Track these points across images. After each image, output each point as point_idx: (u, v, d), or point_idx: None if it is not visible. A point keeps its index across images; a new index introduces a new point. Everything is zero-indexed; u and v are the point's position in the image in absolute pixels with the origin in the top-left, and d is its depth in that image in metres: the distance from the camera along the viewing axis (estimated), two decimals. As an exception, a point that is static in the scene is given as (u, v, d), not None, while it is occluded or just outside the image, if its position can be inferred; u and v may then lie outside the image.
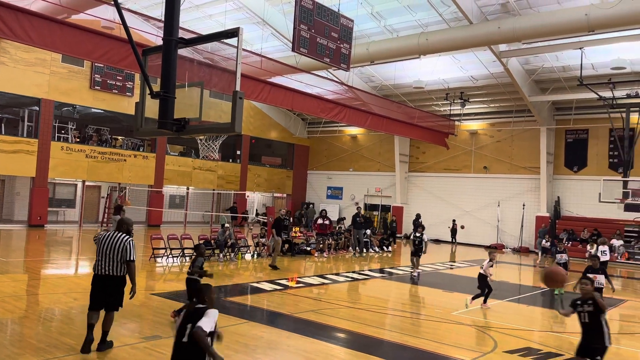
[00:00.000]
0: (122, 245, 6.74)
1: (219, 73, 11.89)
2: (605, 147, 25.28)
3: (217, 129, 5.84)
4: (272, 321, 9.29)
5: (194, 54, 14.02)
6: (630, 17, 15.86)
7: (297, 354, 7.38)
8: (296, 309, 10.14)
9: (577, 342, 6.10)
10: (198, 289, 4.76)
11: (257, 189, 32.94)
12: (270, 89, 17.36)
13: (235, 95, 4.75)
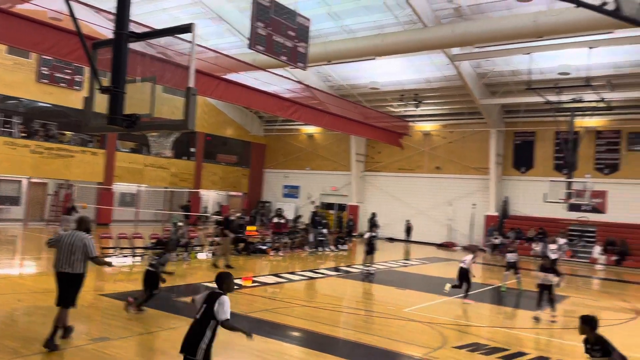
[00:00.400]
0: (83, 243, 6.93)
1: (173, 68, 11.67)
2: (551, 149, 26.35)
3: (170, 126, 5.73)
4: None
5: (147, 48, 13.68)
6: (575, 24, 16.58)
7: (251, 353, 7.34)
8: (250, 309, 10.08)
9: None
10: (219, 276, 5.30)
11: (212, 187, 32.50)
12: (226, 86, 17.15)
13: (189, 91, 4.67)
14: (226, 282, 5.22)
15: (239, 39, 23.63)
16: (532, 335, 9.70)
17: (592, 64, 19.29)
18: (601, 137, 25.11)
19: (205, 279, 13.26)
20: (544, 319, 10.80)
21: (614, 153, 24.82)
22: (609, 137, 24.96)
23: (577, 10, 15.88)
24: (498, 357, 7.80)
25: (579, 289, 16.34)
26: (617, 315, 12.17)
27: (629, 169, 24.34)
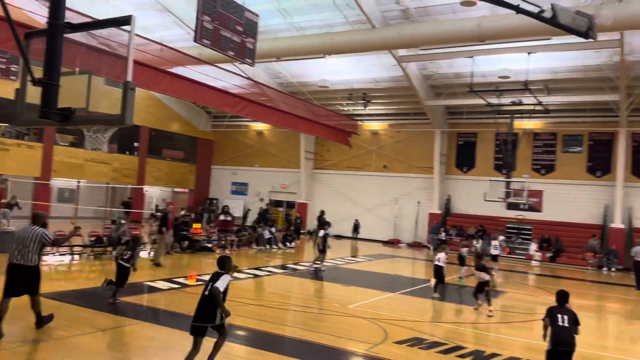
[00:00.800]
0: (37, 235, 7.34)
1: (114, 60, 11.29)
2: (491, 150, 27.36)
3: (107, 121, 5.53)
4: (167, 321, 8.99)
5: (88, 38, 13.17)
6: (515, 30, 17.28)
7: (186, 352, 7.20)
8: (194, 308, 9.88)
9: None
10: (220, 260, 6.41)
11: (156, 183, 31.68)
12: (172, 80, 16.75)
13: (127, 85, 4.53)
14: (227, 264, 6.33)
15: (185, 32, 23.10)
16: (471, 329, 10.05)
17: (530, 68, 20.15)
18: (538, 139, 26.31)
19: (147, 278, 12.93)
20: (483, 313, 11.22)
21: (550, 154, 26.06)
22: (546, 139, 26.19)
23: (517, 17, 16.51)
24: (436, 351, 8.04)
25: (515, 285, 17.05)
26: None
27: (563, 169, 25.63)
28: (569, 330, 5.99)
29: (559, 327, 6.05)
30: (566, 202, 25.28)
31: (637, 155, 24.18)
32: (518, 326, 10.93)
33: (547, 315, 6.28)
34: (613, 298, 15.99)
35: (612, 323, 12.55)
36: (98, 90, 5.73)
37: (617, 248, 22.95)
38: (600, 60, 21.26)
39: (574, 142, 25.63)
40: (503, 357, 7.93)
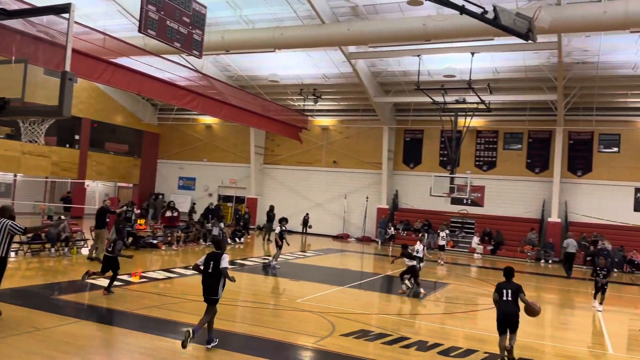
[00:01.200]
0: (6, 227, 7.66)
1: (53, 49, 10.79)
2: (437, 147, 28.10)
3: (44, 112, 5.30)
4: (109, 319, 8.74)
5: (26, 26, 12.52)
6: (459, 30, 17.82)
7: (136, 351, 7.05)
8: (138, 306, 9.67)
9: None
10: (217, 241, 8.14)
11: (98, 178, 30.59)
12: (115, 70, 16.18)
13: (65, 75, 4.35)
14: (222, 245, 7.86)
15: (130, 22, 22.45)
16: (416, 321, 10.32)
17: (474, 68, 20.80)
18: (481, 136, 27.26)
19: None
20: (429, 304, 11.54)
21: (492, 151, 27.06)
22: (488, 136, 27.17)
23: (461, 17, 17.01)
24: (382, 342, 8.21)
25: (458, 277, 17.62)
26: (490, 300, 13.30)
27: (504, 166, 26.69)
28: (511, 303, 7.39)
29: (503, 301, 7.45)
30: (507, 197, 26.36)
31: (572, 153, 25.50)
32: (460, 317, 11.31)
33: (496, 291, 7.60)
34: (549, 289, 16.83)
35: (549, 312, 13.20)
36: (35, 80, 5.49)
37: (554, 241, 24.15)
38: (539, 61, 22.24)
39: (514, 140, 26.74)
40: (445, 346, 8.20)
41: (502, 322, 7.39)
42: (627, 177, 24.47)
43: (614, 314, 13.07)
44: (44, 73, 15.92)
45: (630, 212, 24.31)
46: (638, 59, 20.83)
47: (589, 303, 14.13)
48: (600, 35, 19.30)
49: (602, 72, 21.89)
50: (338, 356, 7.39)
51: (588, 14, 16.46)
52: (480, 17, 12.04)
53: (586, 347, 9.21)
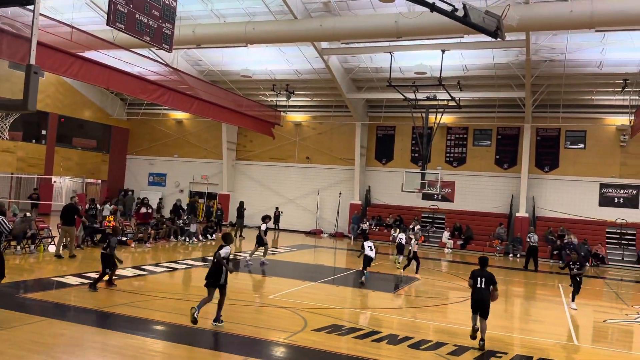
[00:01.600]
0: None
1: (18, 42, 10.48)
2: (408, 143, 28.39)
3: (8, 106, 5.15)
4: (77, 317, 8.56)
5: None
6: (430, 28, 18.00)
7: (105, 349, 6.94)
8: (107, 303, 9.51)
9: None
10: (224, 236, 8.99)
11: (66, 174, 29.88)
12: (83, 64, 15.81)
13: (30, 69, 4.23)
14: (228, 239, 8.84)
15: (98, 15, 21.97)
16: (388, 315, 10.43)
17: (445, 65, 21.04)
18: (451, 132, 27.65)
19: (55, 274, 12.22)
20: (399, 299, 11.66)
21: (462, 147, 27.48)
22: (458, 133, 27.58)
23: (432, 15, 17.19)
24: (353, 336, 8.28)
25: (429, 271, 17.86)
26: (461, 294, 13.56)
27: (473, 162, 27.14)
28: (484, 290, 8.36)
29: (477, 288, 8.36)
30: (476, 193, 26.84)
31: (540, 149, 26.10)
32: (431, 310, 11.48)
33: (471, 277, 8.45)
34: (517, 282, 17.21)
35: (518, 306, 13.52)
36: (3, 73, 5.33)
37: (522, 235, 24.68)
38: (508, 59, 22.65)
39: (483, 136, 27.21)
40: (415, 339, 8.31)
41: (474, 306, 8.32)
42: (592, 172, 25.19)
43: (580, 307, 13.46)
44: (8, 66, 15.50)
45: (595, 207, 25.03)
46: (603, 58, 21.41)
47: (555, 296, 14.53)
48: (567, 34, 19.78)
49: (568, 70, 22.45)
50: (309, 351, 7.42)
51: (555, 12, 16.84)
52: (451, 15, 12.22)
53: (552, 339, 9.46)
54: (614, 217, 24.46)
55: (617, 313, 12.56)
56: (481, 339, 8.08)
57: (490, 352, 7.94)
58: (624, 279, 19.77)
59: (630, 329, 10.92)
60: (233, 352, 7.09)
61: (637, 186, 24.49)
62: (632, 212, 24.37)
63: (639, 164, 24.51)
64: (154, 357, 6.80)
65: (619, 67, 21.78)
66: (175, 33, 14.06)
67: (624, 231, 24.15)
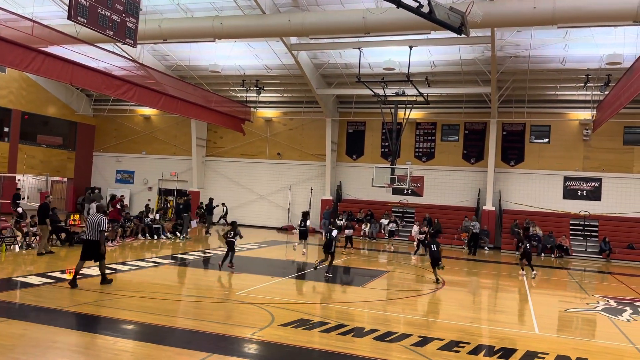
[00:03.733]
0: None
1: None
2: (378, 138, 28.61)
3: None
4: (38, 318, 8.37)
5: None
6: (397, 24, 18.15)
7: (67, 349, 6.81)
8: (70, 303, 9.33)
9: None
10: (232, 224, 14.18)
11: (30, 172, 29.11)
12: (45, 60, 15.43)
13: (-24, 62, 4.10)
14: (236, 226, 13.54)
15: (61, 9, 21.43)
16: (357, 309, 10.51)
17: (412, 61, 21.25)
18: (420, 128, 27.98)
19: (17, 274, 11.93)
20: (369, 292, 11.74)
21: (431, 143, 27.85)
22: (427, 128, 27.93)
23: (398, 11, 17.31)
24: (320, 330, 8.33)
25: (400, 264, 18.08)
26: (429, 286, 13.77)
27: (442, 157, 27.53)
28: (436, 252, 13.34)
29: (433, 251, 13.56)
30: (445, 187, 27.25)
31: (506, 144, 26.65)
32: (400, 303, 11.62)
33: (425, 245, 11.92)
34: (484, 274, 17.56)
35: (484, 297, 13.80)
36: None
37: (489, 228, 25.19)
38: (474, 55, 23.01)
39: (451, 132, 27.62)
40: (381, 332, 8.41)
41: (432, 262, 13.74)
42: (556, 166, 25.85)
43: (544, 297, 13.84)
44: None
45: (559, 199, 25.72)
46: (566, 54, 21.96)
47: (519, 287, 14.89)
48: (531, 30, 20.22)
49: (533, 65, 22.95)
50: (275, 346, 7.43)
51: (518, 9, 17.18)
52: (416, 11, 12.35)
53: (515, 328, 9.70)
54: (578, 210, 25.17)
55: (578, 302, 12.94)
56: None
57: (453, 342, 8.10)
58: (587, 269, 20.37)
59: (591, 317, 11.27)
60: (198, 349, 7.05)
61: (600, 179, 25.24)
62: (595, 204, 25.12)
63: (601, 158, 25.27)
64: (117, 355, 6.71)
65: (582, 63, 22.37)
66: (140, 27, 13.86)
67: (587, 223, 24.88)
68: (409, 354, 7.37)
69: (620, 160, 25.07)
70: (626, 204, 24.75)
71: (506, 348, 8.00)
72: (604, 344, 8.83)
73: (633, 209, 24.58)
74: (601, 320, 10.88)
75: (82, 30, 17.26)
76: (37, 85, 29.32)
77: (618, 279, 17.78)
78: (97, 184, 33.20)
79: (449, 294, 12.99)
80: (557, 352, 7.86)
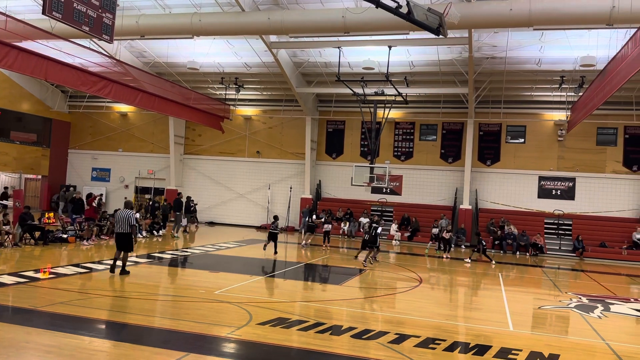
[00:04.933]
0: None
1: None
2: (357, 137, 28.73)
3: None
4: (11, 317, 8.22)
5: None
6: (376, 24, 18.24)
7: (41, 350, 6.70)
8: (44, 302, 9.18)
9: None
10: (275, 217, 18.71)
11: (3, 169, 28.50)
12: (19, 55, 15.09)
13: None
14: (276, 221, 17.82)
15: (35, 3, 20.99)
16: (335, 307, 10.57)
17: (392, 61, 21.39)
18: (399, 127, 28.18)
19: (-11, 273, 11.67)
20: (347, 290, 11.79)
21: (409, 142, 28.07)
22: (405, 127, 28.14)
23: (378, 11, 17.39)
24: (298, 328, 8.35)
25: (378, 263, 18.19)
26: (406, 284, 13.91)
27: (420, 156, 27.78)
28: (373, 237, 15.23)
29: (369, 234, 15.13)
30: (423, 186, 27.51)
31: (482, 143, 27.02)
32: (378, 301, 11.71)
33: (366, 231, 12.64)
34: (461, 272, 17.78)
35: (461, 294, 13.99)
36: None
37: (466, 227, 25.51)
38: (452, 56, 23.26)
39: (429, 131, 27.89)
40: (358, 329, 8.47)
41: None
42: (531, 166, 26.31)
43: (518, 294, 14.09)
44: None
45: (534, 199, 26.18)
46: (542, 55, 22.34)
47: (495, 284, 15.14)
48: (508, 32, 20.52)
49: (509, 67, 23.30)
50: (252, 344, 7.43)
51: (495, 11, 17.42)
52: (395, 12, 12.45)
53: (490, 325, 9.86)
54: (552, 209, 25.67)
55: (552, 300, 13.21)
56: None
57: (429, 339, 8.21)
58: (561, 267, 20.79)
59: (564, 314, 11.53)
60: (175, 349, 7.01)
61: (574, 179, 25.78)
62: (569, 204, 25.65)
63: (575, 158, 25.80)
64: (93, 355, 6.63)
65: (557, 64, 22.78)
66: (117, 23, 13.68)
67: (561, 222, 25.40)
68: (386, 351, 7.44)
69: (593, 161, 25.64)
70: (599, 203, 25.34)
71: (481, 345, 8.13)
72: (575, 340, 9.05)
73: (605, 208, 25.17)
74: (573, 317, 11.14)
75: (57, 25, 16.93)
76: (10, 80, 28.68)
77: (590, 276, 18.19)
78: (72, 182, 32.63)
79: (425, 291, 13.14)
80: (531, 349, 8.03)
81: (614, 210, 25.08)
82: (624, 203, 25.11)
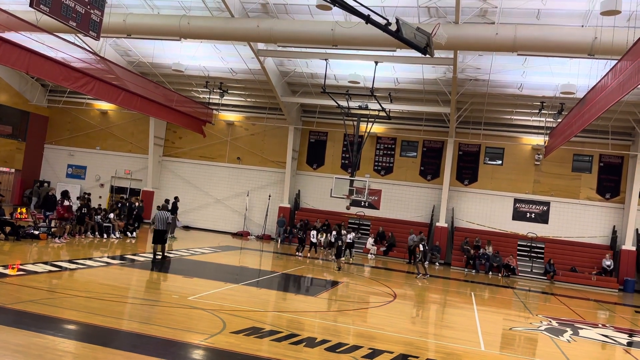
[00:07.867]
0: None
1: None
2: (339, 150, 28.84)
3: None
4: (-24, 315, 7.99)
5: None
6: (364, 39, 18.45)
7: (8, 349, 6.51)
8: (12, 300, 8.93)
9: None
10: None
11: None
12: (0, 45, 14.80)
13: None
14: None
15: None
16: (309, 318, 10.52)
17: (377, 76, 21.60)
18: (380, 142, 28.39)
19: (-45, 267, 11.32)
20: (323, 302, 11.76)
21: (390, 157, 28.29)
22: (387, 142, 28.37)
23: (367, 27, 17.60)
24: (271, 339, 8.29)
25: (352, 275, 18.21)
26: (381, 299, 13.94)
27: (400, 172, 28.01)
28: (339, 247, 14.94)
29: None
30: (401, 202, 27.71)
31: (461, 163, 27.38)
32: (352, 314, 11.70)
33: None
34: (434, 289, 17.91)
35: (432, 312, 14.08)
36: None
37: (441, 244, 25.74)
38: (436, 75, 23.61)
39: (410, 148, 28.17)
40: (332, 342, 8.45)
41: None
42: (508, 188, 26.73)
43: (490, 314, 14.24)
44: None
45: (509, 220, 26.57)
46: (524, 80, 22.84)
47: (467, 303, 15.28)
48: (492, 56, 20.93)
49: (491, 89, 23.75)
50: (225, 353, 7.34)
51: (482, 34, 17.79)
52: (384, 28, 12.59)
53: (462, 344, 9.93)
54: (526, 231, 26.09)
55: (522, 321, 13.38)
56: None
57: (402, 355, 8.22)
58: (532, 289, 21.10)
59: (533, 336, 11.68)
60: (146, 354, 6.88)
61: (548, 203, 26.26)
62: (542, 227, 26.10)
63: (550, 182, 26.31)
64: (62, 356, 6.48)
65: (537, 90, 23.30)
66: (104, 21, 13.52)
67: (534, 244, 25.81)
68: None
69: (568, 186, 26.18)
70: (571, 228, 25.84)
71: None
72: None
73: (577, 233, 25.69)
74: (543, 339, 11.29)
75: (43, 18, 16.68)
76: (-12, 70, 28.10)
77: (560, 300, 18.50)
78: (46, 177, 31.97)
79: (398, 307, 13.19)
80: (501, 369, 8.10)
81: (586, 236, 25.61)
82: (596, 229, 25.66)
